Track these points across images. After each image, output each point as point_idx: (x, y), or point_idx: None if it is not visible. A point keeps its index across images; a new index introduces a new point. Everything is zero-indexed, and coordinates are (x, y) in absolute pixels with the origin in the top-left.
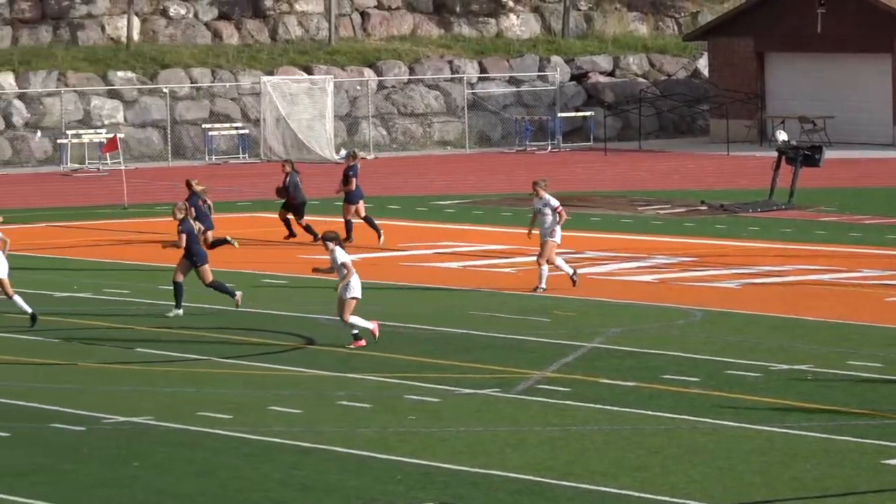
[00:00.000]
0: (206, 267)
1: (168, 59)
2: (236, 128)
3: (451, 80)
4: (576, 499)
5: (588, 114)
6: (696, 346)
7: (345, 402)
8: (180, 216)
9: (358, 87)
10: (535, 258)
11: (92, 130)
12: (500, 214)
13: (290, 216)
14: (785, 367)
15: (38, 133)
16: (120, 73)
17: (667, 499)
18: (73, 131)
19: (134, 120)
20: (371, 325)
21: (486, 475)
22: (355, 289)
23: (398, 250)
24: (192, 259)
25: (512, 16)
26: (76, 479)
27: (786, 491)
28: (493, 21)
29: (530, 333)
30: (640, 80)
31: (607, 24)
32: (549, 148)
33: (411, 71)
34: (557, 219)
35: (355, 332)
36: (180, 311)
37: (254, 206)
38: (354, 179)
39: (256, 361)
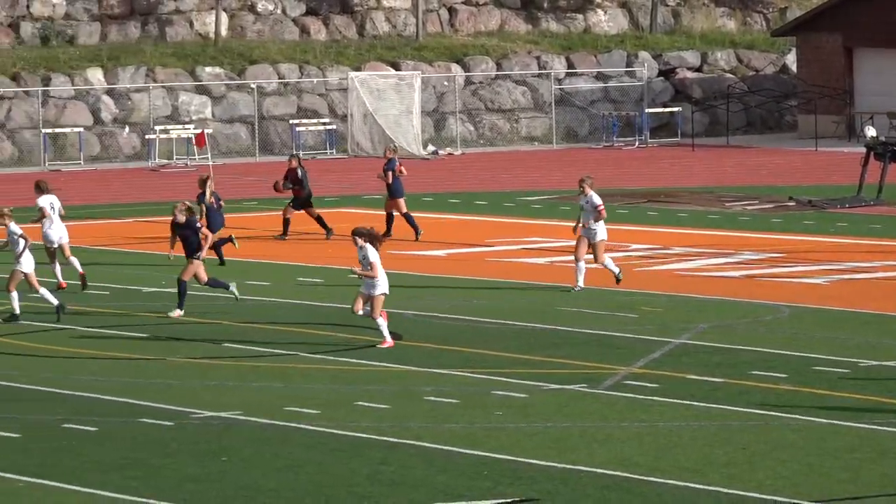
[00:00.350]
0: (197, 265)
1: (256, 55)
2: (323, 123)
3: (539, 75)
4: (663, 494)
5: (675, 109)
6: (785, 343)
7: (432, 398)
8: (182, 219)
9: (445, 83)
10: (618, 254)
11: (180, 126)
12: None
13: (302, 211)
14: (874, 363)
15: (127, 128)
16: (208, 69)
17: (754, 495)
18: (161, 127)
19: (222, 115)
20: (388, 340)
21: (573, 471)
22: (381, 284)
23: (485, 246)
24: (190, 253)
25: (599, 11)
26: (165, 474)
27: (874, 488)
28: (580, 16)
29: (618, 329)
30: (728, 75)
31: (695, 20)
32: (637, 144)
33: (499, 66)
34: (596, 217)
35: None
36: (238, 292)
37: (341, 202)
38: (391, 173)
39: (344, 357)
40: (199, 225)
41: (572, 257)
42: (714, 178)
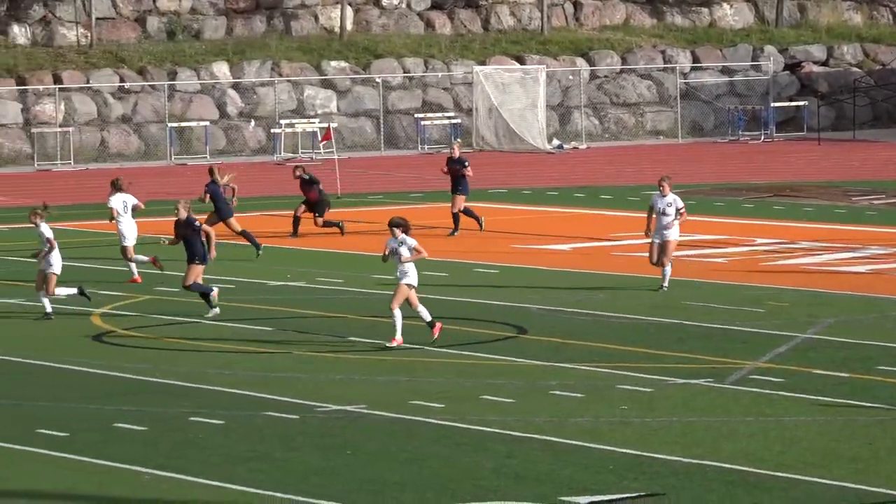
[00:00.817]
0: (200, 269)
1: (381, 49)
2: (448, 117)
3: (664, 69)
4: (789, 489)
5: (801, 103)
6: None
7: (557, 392)
8: (184, 215)
9: (570, 77)
10: (744, 248)
11: (305, 120)
12: (712, 204)
13: (307, 214)
14: None
15: (252, 123)
16: (333, 63)
17: (881, 490)
18: (287, 121)
19: (347, 109)
20: (398, 336)
21: (698, 465)
22: (411, 275)
23: (610, 240)
24: (192, 256)
25: (725, 5)
26: (290, 468)
27: None
28: (705, 10)
29: (743, 324)
30: (855, 69)
31: (821, 13)
32: (762, 138)
33: (624, 61)
34: (679, 219)
35: (428, 319)
36: (217, 310)
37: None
38: (463, 169)
39: (469, 350)
40: (197, 224)
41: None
42: (840, 173)
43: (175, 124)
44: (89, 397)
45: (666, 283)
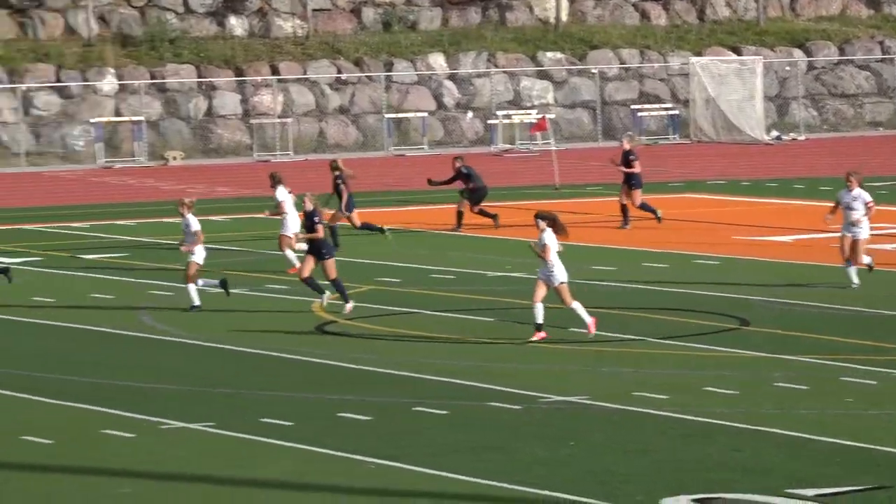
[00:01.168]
0: (332, 261)
1: (596, 40)
2: (666, 108)
3: (882, 60)
4: None
5: None
6: None
7: (780, 384)
8: (310, 207)
9: (787, 68)
10: None
11: (522, 111)
12: None
13: (466, 208)
14: None
15: (469, 114)
16: (549, 54)
17: None
18: (503, 112)
19: (563, 101)
20: (589, 320)
21: None
22: (560, 273)
23: (830, 231)
24: (321, 252)
25: None
26: (515, 458)
27: None
28: None
29: None
30: None
31: None
32: None
33: (841, 51)
34: (867, 213)
35: (539, 321)
36: (327, 294)
37: (684, 187)
38: (637, 163)
39: (691, 342)
40: (316, 219)
41: None
42: None
43: (392, 115)
44: (313, 387)
45: (869, 261)
